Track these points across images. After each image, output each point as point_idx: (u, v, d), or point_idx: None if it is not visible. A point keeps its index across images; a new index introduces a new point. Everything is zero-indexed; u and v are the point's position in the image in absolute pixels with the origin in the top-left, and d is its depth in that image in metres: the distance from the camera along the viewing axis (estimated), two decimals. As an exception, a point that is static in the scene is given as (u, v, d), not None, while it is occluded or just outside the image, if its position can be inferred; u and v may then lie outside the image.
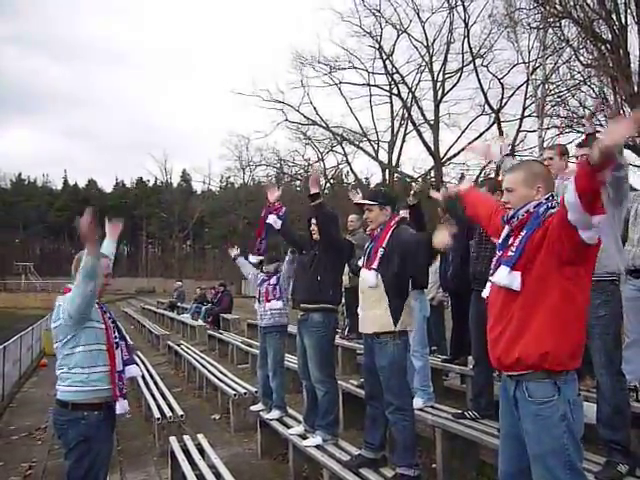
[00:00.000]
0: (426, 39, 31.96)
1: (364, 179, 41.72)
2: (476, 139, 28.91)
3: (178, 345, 13.23)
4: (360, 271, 4.50)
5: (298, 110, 35.75)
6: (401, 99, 33.68)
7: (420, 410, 5.36)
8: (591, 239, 2.50)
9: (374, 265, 4.27)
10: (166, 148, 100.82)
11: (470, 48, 29.92)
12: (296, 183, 41.06)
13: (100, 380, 3.67)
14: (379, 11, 31.74)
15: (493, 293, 2.82)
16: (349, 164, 38.24)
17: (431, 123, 32.21)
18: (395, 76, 33.46)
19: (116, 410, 3.76)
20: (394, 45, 32.67)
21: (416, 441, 4.36)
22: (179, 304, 23.87)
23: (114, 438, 4.64)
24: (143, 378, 9.16)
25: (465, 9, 29.40)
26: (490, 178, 5.05)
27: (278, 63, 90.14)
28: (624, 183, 3.47)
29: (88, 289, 3.51)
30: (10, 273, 64.29)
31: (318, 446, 4.98)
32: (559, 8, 18.13)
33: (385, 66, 33.22)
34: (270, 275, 6.41)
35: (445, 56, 31.92)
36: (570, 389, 2.61)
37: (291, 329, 6.55)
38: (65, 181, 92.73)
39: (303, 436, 5.33)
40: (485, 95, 29.81)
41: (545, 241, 2.62)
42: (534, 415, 2.60)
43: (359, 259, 4.71)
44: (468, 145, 25.72)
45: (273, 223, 5.68)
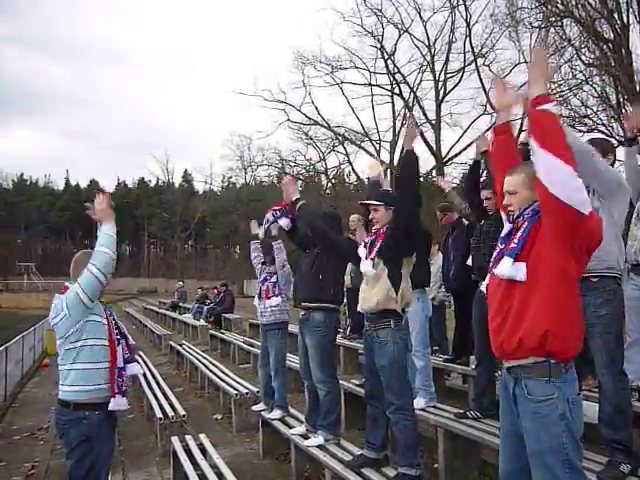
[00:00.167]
0: (428, 39, 32.07)
1: (366, 179, 41.72)
2: (477, 139, 28.86)
3: (180, 345, 13.23)
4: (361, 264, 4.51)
5: (300, 110, 35.86)
6: (403, 99, 33.73)
7: (422, 410, 5.37)
8: (561, 191, 2.48)
9: (372, 255, 4.29)
10: (168, 148, 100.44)
11: (472, 47, 30.01)
12: (298, 183, 41.06)
13: (101, 377, 3.67)
14: (380, 11, 31.87)
15: (493, 285, 2.82)
16: (351, 164, 38.37)
17: (433, 123, 32.26)
18: (397, 76, 33.56)
19: (110, 405, 3.66)
20: (395, 45, 32.81)
21: (418, 441, 4.35)
22: (181, 304, 23.91)
23: (116, 438, 4.65)
24: (145, 378, 9.17)
25: (467, 8, 29.52)
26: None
27: (280, 63, 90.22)
28: (584, 154, 3.48)
29: (112, 254, 3.69)
30: (12, 273, 64.44)
31: (320, 446, 4.97)
32: (561, 7, 18.13)
33: (387, 66, 33.29)
34: (272, 274, 6.42)
35: (447, 56, 32.04)
36: (569, 388, 2.60)
37: (293, 329, 6.55)
38: (67, 181, 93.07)
39: (305, 436, 5.33)
40: (487, 94, 29.79)
41: (540, 225, 2.65)
42: (533, 413, 2.60)
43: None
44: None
45: (283, 225, 5.66)
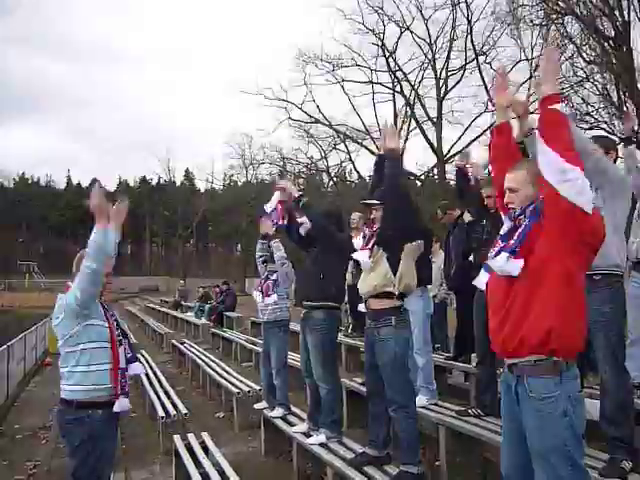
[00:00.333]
0: (429, 36, 31.98)
1: (367, 177, 41.67)
2: (479, 136, 28.89)
3: (182, 344, 13.24)
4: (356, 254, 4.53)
5: (301, 108, 35.78)
6: (404, 97, 33.67)
7: (424, 408, 5.39)
8: (572, 195, 2.49)
9: (369, 245, 4.32)
10: (169, 147, 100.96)
11: (473, 45, 29.92)
12: (299, 181, 41.04)
13: (103, 378, 3.67)
14: (382, 8, 31.77)
15: (493, 282, 2.82)
16: (352, 162, 38.25)
17: (434, 120, 32.19)
18: (398, 74, 33.48)
19: (115, 408, 3.72)
20: (397, 43, 32.71)
21: (419, 438, 4.36)
22: (183, 302, 23.98)
23: (118, 437, 4.65)
24: (147, 377, 9.18)
25: (468, 6, 29.42)
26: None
27: (281, 61, 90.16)
28: (604, 172, 3.52)
29: (95, 265, 3.50)
30: (14, 272, 64.40)
31: (322, 444, 4.98)
32: (562, 5, 18.10)
33: (388, 64, 33.23)
34: (273, 272, 6.43)
35: (448, 53, 31.97)
36: (572, 385, 2.60)
37: (295, 327, 6.55)
38: (68, 180, 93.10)
39: (307, 434, 5.33)
40: (488, 92, 29.73)
41: (543, 224, 2.64)
42: (535, 411, 2.60)
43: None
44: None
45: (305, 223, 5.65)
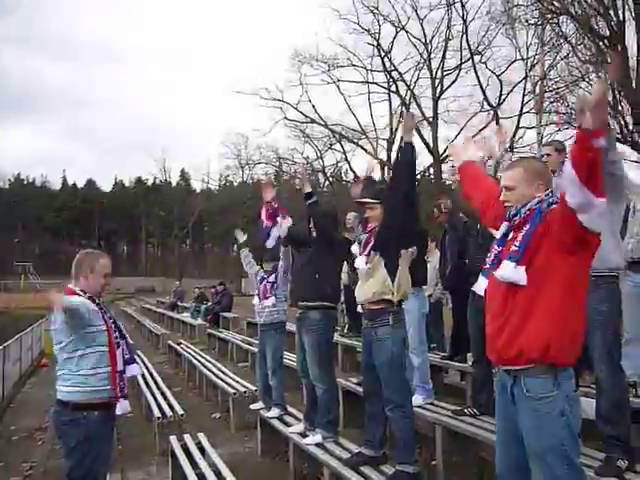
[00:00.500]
0: (424, 36, 32.04)
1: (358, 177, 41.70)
2: (474, 136, 28.86)
3: (178, 344, 13.22)
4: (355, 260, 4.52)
5: (297, 108, 35.82)
6: (400, 96, 33.72)
7: (420, 407, 5.38)
8: (593, 224, 2.46)
9: (366, 251, 4.31)
10: (165, 147, 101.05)
11: (468, 45, 29.96)
12: (295, 181, 41.03)
13: (101, 381, 3.67)
14: (377, 8, 31.82)
15: (492, 287, 2.79)
16: (348, 162, 38.37)
17: (430, 120, 32.22)
18: (393, 73, 33.57)
19: (117, 411, 3.76)
20: (392, 42, 32.77)
21: (416, 438, 4.36)
22: (179, 303, 23.94)
23: (114, 438, 4.64)
24: (143, 377, 9.16)
25: (463, 6, 29.47)
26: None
27: (277, 61, 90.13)
28: (620, 181, 3.52)
29: (74, 324, 3.57)
30: (9, 273, 64.23)
31: (318, 444, 4.98)
32: (557, 4, 18.10)
33: (383, 63, 33.29)
34: (269, 273, 6.44)
35: (443, 53, 32.04)
36: (568, 385, 2.60)
37: (291, 327, 6.55)
38: (64, 181, 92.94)
39: (303, 434, 5.33)
40: (484, 92, 29.84)
41: (548, 233, 2.60)
42: (533, 411, 2.59)
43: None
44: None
45: (280, 233, 5.68)
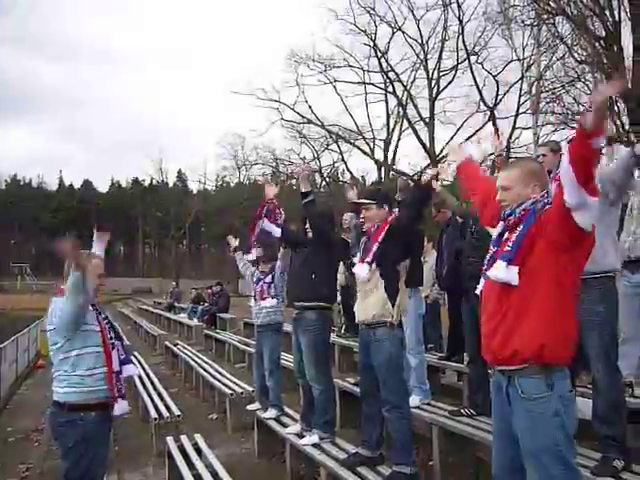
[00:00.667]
0: (421, 37, 31.94)
1: (360, 177, 41.71)
2: (471, 136, 28.92)
3: (175, 345, 13.20)
4: (354, 267, 4.51)
5: (293, 109, 35.71)
6: (396, 97, 33.67)
7: (417, 408, 5.39)
8: (585, 223, 2.48)
9: (368, 259, 4.29)
10: (162, 148, 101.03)
11: (465, 45, 29.90)
12: (292, 182, 41.03)
13: (97, 382, 3.66)
14: (373, 9, 31.73)
15: (487, 288, 2.80)
16: (345, 162, 38.24)
17: (426, 121, 32.17)
18: (390, 74, 33.42)
19: (115, 411, 3.74)
20: (389, 43, 32.66)
21: (413, 438, 4.36)
22: (176, 304, 23.91)
23: (111, 439, 4.63)
24: (140, 378, 9.14)
25: (459, 6, 29.37)
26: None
27: (273, 62, 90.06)
28: (628, 187, 3.59)
29: (77, 303, 3.52)
30: (6, 274, 64.14)
31: (315, 445, 4.98)
32: (553, 5, 18.11)
33: (380, 64, 33.20)
34: (266, 274, 6.45)
35: (440, 54, 31.93)
36: (562, 385, 2.60)
37: (287, 327, 6.55)
38: (60, 182, 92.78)
39: (300, 435, 5.33)
40: (480, 92, 29.83)
41: (542, 233, 2.62)
42: (527, 411, 2.59)
43: (355, 256, 4.71)
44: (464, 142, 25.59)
45: (272, 231, 5.68)
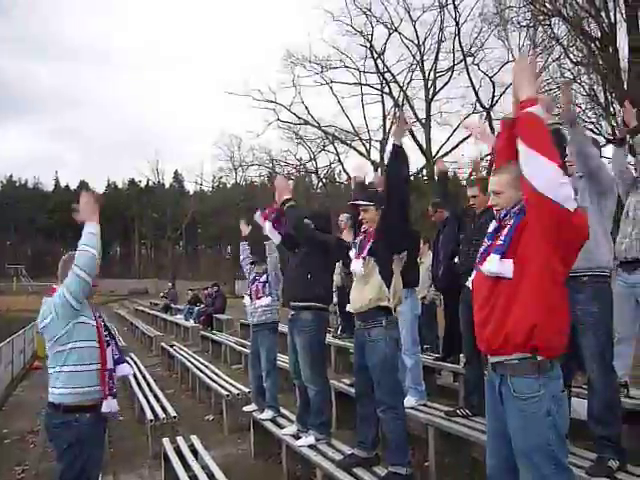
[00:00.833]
0: (417, 38, 32.09)
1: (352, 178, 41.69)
2: (467, 137, 28.97)
3: (171, 346, 13.18)
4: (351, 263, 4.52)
5: (290, 110, 35.80)
6: (392, 98, 33.74)
7: (412, 408, 5.39)
8: (547, 189, 2.46)
9: (363, 254, 4.31)
10: (158, 149, 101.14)
11: (461, 46, 30.03)
12: (289, 182, 40.96)
13: (91, 379, 3.65)
14: (370, 10, 31.86)
15: (478, 280, 2.82)
16: (341, 163, 38.36)
17: (423, 122, 32.24)
18: (386, 75, 33.56)
19: (103, 408, 3.70)
20: (385, 44, 32.82)
21: (408, 439, 4.36)
22: (172, 305, 23.87)
23: (106, 440, 4.62)
24: (136, 379, 9.13)
25: (456, 7, 29.51)
26: (482, 178, 5.08)
27: (270, 63, 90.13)
28: (599, 171, 3.56)
29: (95, 251, 3.60)
30: (1, 275, 63.98)
31: (311, 446, 4.98)
32: (549, 6, 18.21)
33: (376, 65, 33.31)
34: (261, 274, 6.46)
35: (436, 55, 32.05)
36: (555, 385, 2.61)
37: (283, 328, 6.55)
38: (56, 182, 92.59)
39: (296, 436, 5.33)
40: (476, 93, 29.90)
41: (528, 224, 2.63)
42: (519, 411, 2.60)
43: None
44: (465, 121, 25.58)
45: (273, 237, 5.71)
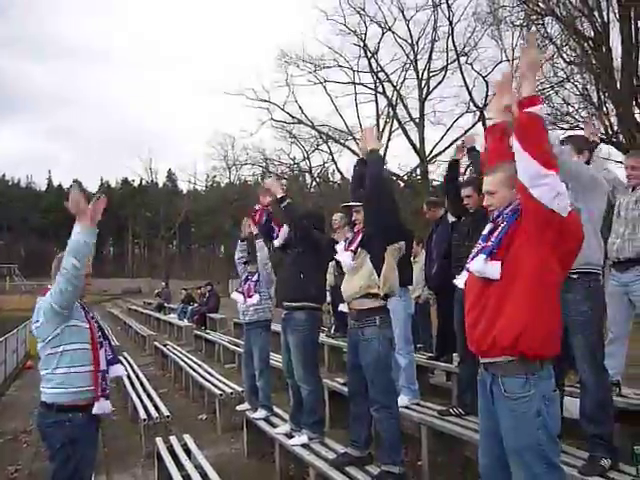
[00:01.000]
0: (410, 37, 32.03)
1: (350, 177, 41.68)
2: (461, 137, 29.00)
3: (164, 346, 13.16)
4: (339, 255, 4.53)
5: (283, 109, 35.73)
6: (386, 97, 33.71)
7: (406, 407, 5.40)
8: (547, 198, 2.50)
9: (352, 247, 4.33)
10: (151, 148, 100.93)
11: (454, 46, 30.03)
12: (282, 182, 40.96)
13: (84, 380, 3.64)
14: (363, 9, 31.80)
15: (470, 280, 2.83)
16: (335, 163, 38.25)
17: (416, 121, 32.26)
18: (380, 74, 33.49)
19: (95, 409, 3.68)
20: (379, 43, 32.74)
21: (401, 438, 4.37)
22: (166, 304, 23.82)
23: (99, 440, 4.61)
24: (129, 379, 9.12)
25: (449, 7, 29.49)
26: (476, 177, 5.08)
27: (263, 62, 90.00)
28: (573, 169, 3.58)
29: (79, 263, 3.37)
30: (-6, 275, 63.70)
31: (304, 445, 4.98)
32: (542, 6, 18.23)
33: (370, 64, 33.25)
34: (253, 273, 6.46)
35: (430, 54, 32.01)
36: (545, 385, 2.62)
37: (276, 327, 6.55)
38: (49, 182, 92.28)
39: (289, 435, 5.33)
40: (470, 93, 29.93)
41: (520, 226, 2.65)
42: (509, 411, 2.62)
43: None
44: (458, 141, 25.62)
45: (282, 237, 5.69)
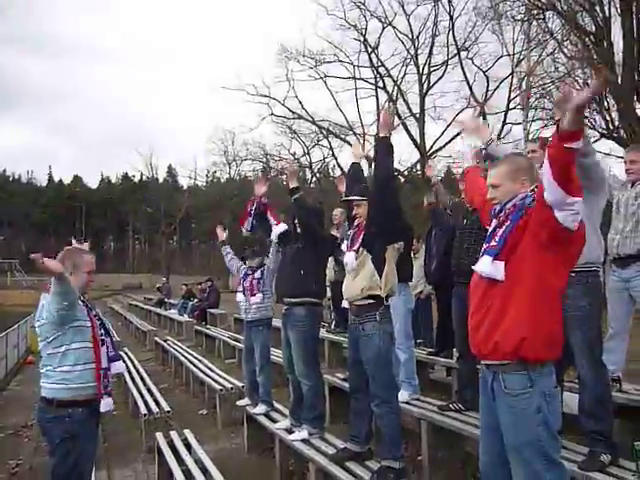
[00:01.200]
0: (411, 32, 31.92)
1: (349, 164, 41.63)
2: (461, 132, 28.94)
3: (165, 341, 13.18)
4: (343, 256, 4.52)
5: (284, 104, 35.68)
6: (387, 92, 33.62)
7: (406, 403, 5.41)
8: (567, 221, 2.49)
9: (355, 247, 4.33)
10: (152, 143, 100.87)
11: (455, 41, 29.94)
12: (282, 177, 40.93)
13: (85, 378, 3.65)
14: (363, 4, 31.68)
15: (474, 282, 2.83)
16: (335, 158, 38.19)
17: (417, 116, 32.19)
18: (380, 69, 33.42)
19: (101, 408, 3.75)
20: (379, 38, 32.63)
21: (402, 433, 4.37)
22: (166, 300, 23.83)
23: (99, 435, 4.63)
24: (130, 374, 9.13)
25: (450, 1, 29.36)
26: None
27: (264, 57, 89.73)
28: (595, 170, 3.57)
29: (60, 306, 3.49)
30: (-5, 270, 63.71)
31: (304, 440, 4.99)
32: (543, 0, 18.17)
33: (370, 59, 33.16)
34: (254, 269, 6.42)
35: (430, 49, 31.91)
36: (546, 381, 2.62)
37: (277, 323, 6.55)
38: (50, 178, 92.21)
39: (289, 430, 5.33)
40: (470, 88, 29.86)
41: (527, 227, 2.63)
42: (509, 407, 2.62)
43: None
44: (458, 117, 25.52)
45: (280, 230, 5.71)
